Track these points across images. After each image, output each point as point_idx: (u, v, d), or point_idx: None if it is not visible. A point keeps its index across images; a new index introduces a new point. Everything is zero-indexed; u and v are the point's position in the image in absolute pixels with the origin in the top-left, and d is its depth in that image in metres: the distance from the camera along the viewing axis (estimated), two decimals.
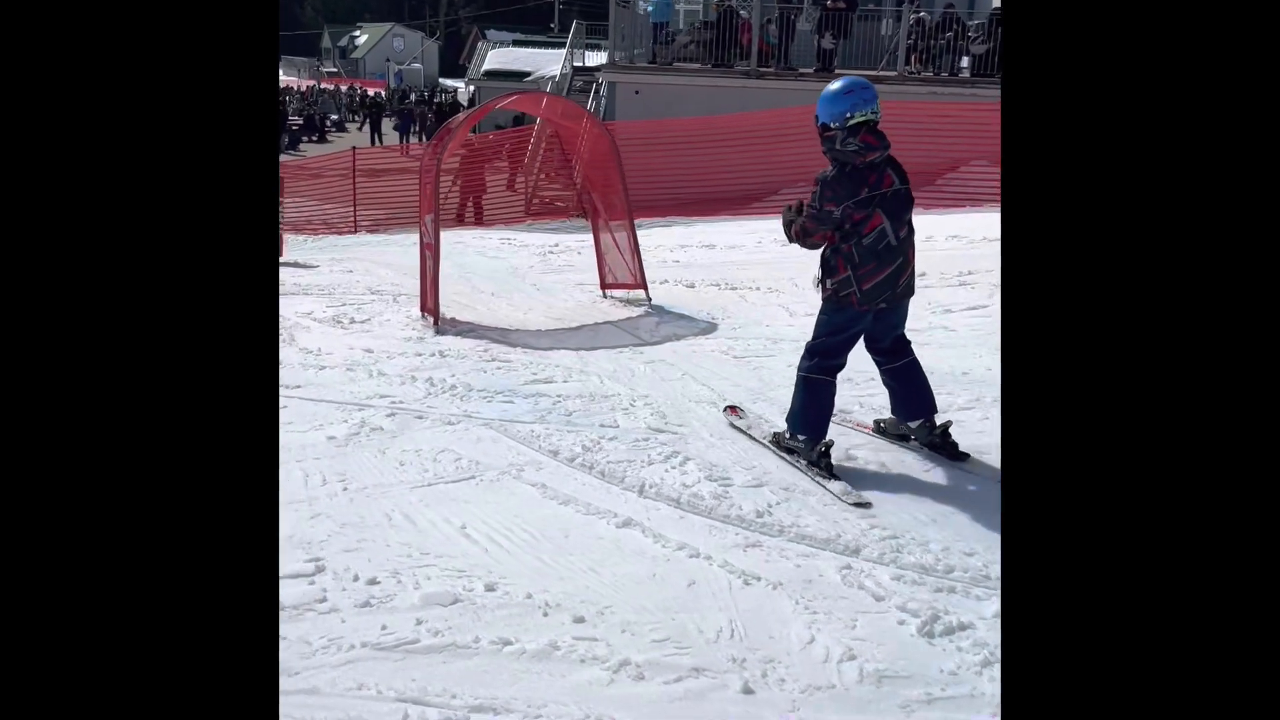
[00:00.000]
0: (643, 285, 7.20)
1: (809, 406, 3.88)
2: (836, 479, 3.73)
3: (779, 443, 4.06)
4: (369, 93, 38.60)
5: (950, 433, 4.00)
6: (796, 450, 3.92)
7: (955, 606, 2.84)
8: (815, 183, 3.75)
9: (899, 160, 3.81)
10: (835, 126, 3.70)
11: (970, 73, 15.43)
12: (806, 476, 3.80)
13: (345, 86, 42.45)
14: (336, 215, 13.83)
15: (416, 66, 50.67)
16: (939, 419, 4.05)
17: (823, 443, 3.84)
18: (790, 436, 3.97)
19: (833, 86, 3.78)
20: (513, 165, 15.02)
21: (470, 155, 13.47)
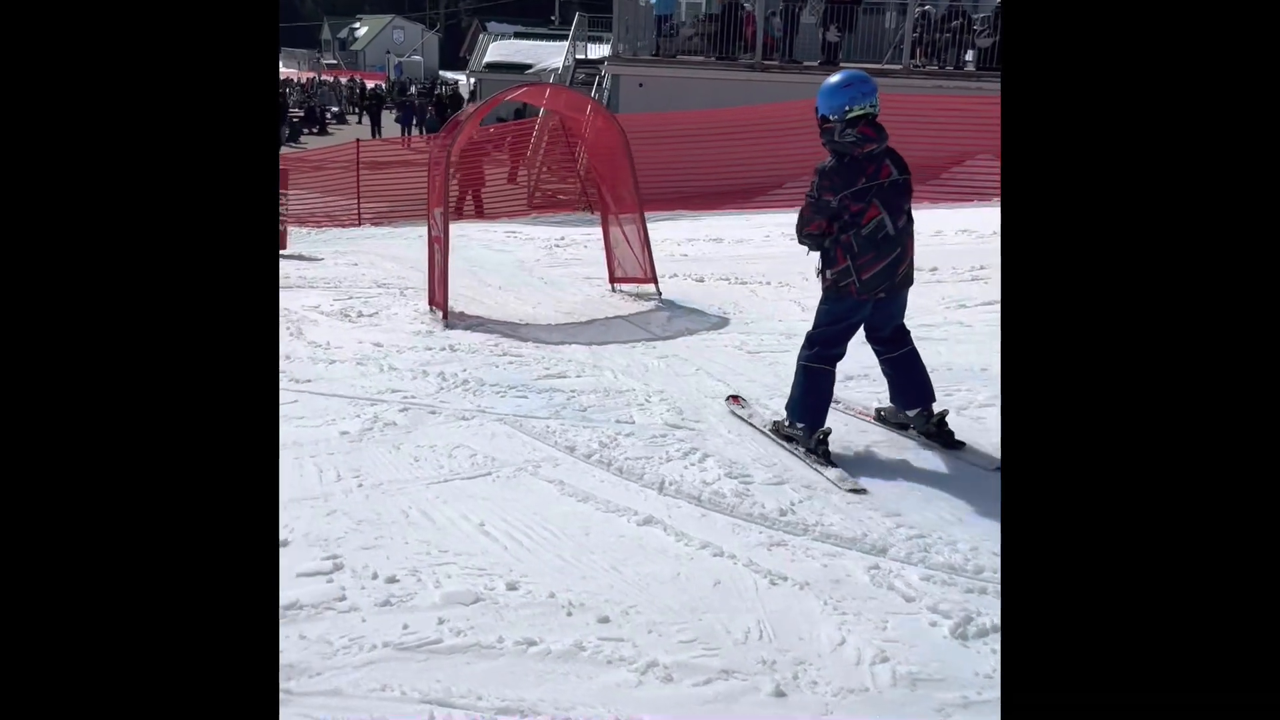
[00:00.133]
0: (653, 279, 7.13)
1: (808, 394, 3.95)
2: (834, 466, 3.78)
3: (778, 430, 4.12)
4: (368, 85, 38.43)
5: (947, 421, 4.05)
6: (795, 438, 3.98)
7: (988, 608, 2.78)
8: (814, 173, 3.82)
9: (902, 153, 3.87)
10: (834, 119, 3.78)
11: (975, 66, 15.38)
12: (806, 464, 3.85)
13: (345, 79, 42.22)
14: (340, 208, 13.76)
15: (417, 59, 50.40)
16: (937, 408, 4.11)
17: (821, 430, 3.89)
18: (789, 424, 4.03)
19: (832, 80, 3.85)
20: (514, 158, 14.94)
21: (469, 148, 13.34)
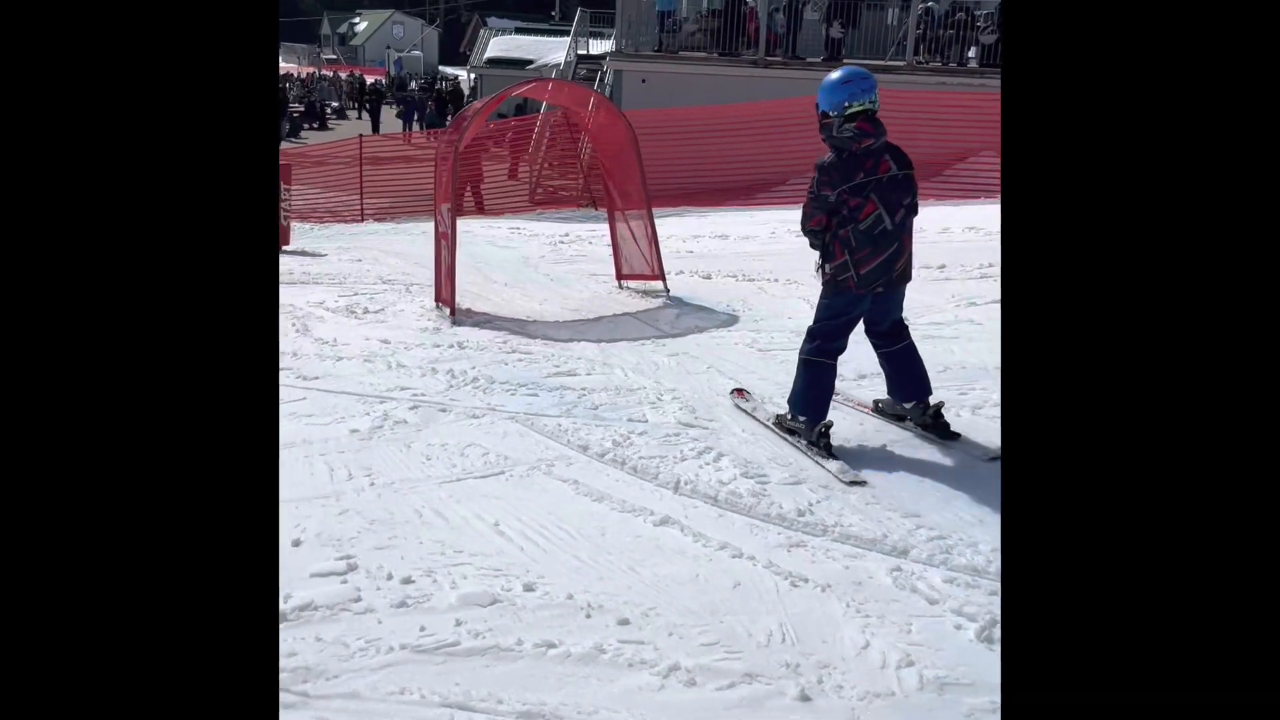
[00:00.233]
0: (660, 276, 7.08)
1: (810, 388, 3.98)
2: (835, 458, 3.81)
3: (780, 424, 4.15)
4: (367, 80, 38.33)
5: (943, 413, 4.10)
6: (797, 431, 4.02)
7: None
8: (814, 168, 3.86)
9: (904, 149, 3.92)
10: (834, 114, 3.82)
11: (978, 63, 15.33)
12: (808, 456, 3.87)
13: (345, 74, 42.09)
14: (342, 203, 13.69)
15: (416, 54, 50.27)
16: (935, 400, 4.13)
17: (822, 423, 3.92)
18: (791, 418, 4.07)
19: (832, 76, 3.90)
20: (515, 154, 14.86)
21: (468, 143, 13.25)
